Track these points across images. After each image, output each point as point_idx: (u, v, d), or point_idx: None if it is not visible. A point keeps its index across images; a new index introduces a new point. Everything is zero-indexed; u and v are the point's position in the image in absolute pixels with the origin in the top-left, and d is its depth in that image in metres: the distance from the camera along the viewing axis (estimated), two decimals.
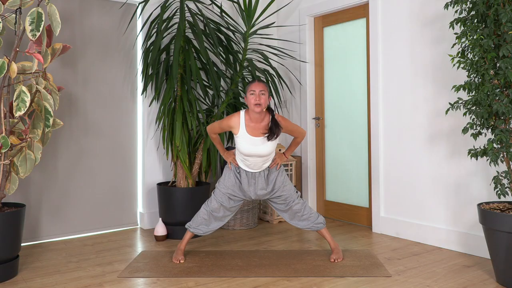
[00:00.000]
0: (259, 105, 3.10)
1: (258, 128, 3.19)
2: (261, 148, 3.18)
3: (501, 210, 2.91)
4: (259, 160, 3.25)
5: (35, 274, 3.15)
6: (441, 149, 3.70)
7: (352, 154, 4.59)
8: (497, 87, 2.85)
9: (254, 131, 3.18)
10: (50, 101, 3.16)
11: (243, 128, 3.18)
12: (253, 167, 3.30)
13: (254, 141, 3.18)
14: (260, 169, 3.31)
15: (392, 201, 4.09)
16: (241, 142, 3.20)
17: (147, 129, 4.45)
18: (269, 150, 3.21)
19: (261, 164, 3.29)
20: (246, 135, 3.18)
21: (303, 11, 4.97)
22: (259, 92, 3.11)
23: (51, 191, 4.04)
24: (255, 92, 3.11)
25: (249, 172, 3.33)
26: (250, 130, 3.18)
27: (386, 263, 3.30)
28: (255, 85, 3.14)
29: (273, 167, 3.36)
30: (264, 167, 3.32)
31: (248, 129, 3.18)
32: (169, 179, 4.59)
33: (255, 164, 3.27)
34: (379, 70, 4.18)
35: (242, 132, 3.18)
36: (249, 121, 3.19)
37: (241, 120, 3.19)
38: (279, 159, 3.37)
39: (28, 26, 3.01)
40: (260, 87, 3.13)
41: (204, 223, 3.41)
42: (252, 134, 3.18)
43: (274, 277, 3.03)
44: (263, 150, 3.19)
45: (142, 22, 4.45)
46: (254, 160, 3.24)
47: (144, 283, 2.95)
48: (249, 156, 3.22)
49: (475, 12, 2.93)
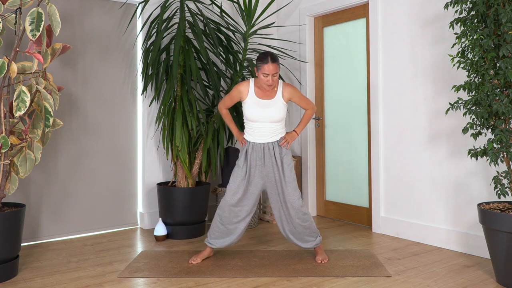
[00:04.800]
0: (271, 86, 3.16)
1: (268, 92, 3.23)
2: (270, 111, 3.20)
3: (501, 210, 2.91)
4: (269, 126, 3.24)
5: (35, 274, 3.15)
6: (441, 149, 3.70)
7: (352, 154, 4.59)
8: (497, 87, 2.85)
9: (263, 95, 3.23)
10: (50, 101, 3.16)
11: (252, 92, 3.23)
12: (262, 136, 3.27)
13: (263, 103, 3.21)
14: (270, 139, 3.28)
15: (392, 201, 4.09)
16: (249, 106, 3.23)
17: (147, 129, 4.45)
18: (278, 114, 3.22)
19: (271, 133, 3.27)
20: (254, 98, 3.22)
21: (303, 11, 4.97)
22: (272, 75, 3.13)
23: (51, 191, 4.05)
24: (269, 75, 3.12)
25: (258, 144, 3.28)
26: (259, 93, 3.24)
27: (386, 263, 3.30)
28: (269, 66, 3.10)
29: (283, 145, 3.30)
30: (274, 139, 3.29)
31: (257, 93, 3.24)
32: (169, 179, 4.59)
33: (265, 132, 3.25)
34: (379, 70, 4.18)
35: (251, 95, 3.23)
36: (258, 88, 3.25)
37: (251, 86, 3.26)
38: (289, 137, 3.32)
39: (28, 26, 3.01)
40: (274, 69, 3.11)
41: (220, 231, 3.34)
42: (261, 97, 3.23)
43: (274, 277, 3.03)
44: (272, 113, 3.21)
45: (142, 22, 4.45)
46: (264, 126, 3.24)
47: (144, 283, 2.95)
48: (258, 122, 3.23)
49: (475, 12, 2.93)
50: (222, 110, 3.43)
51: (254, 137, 3.29)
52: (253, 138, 3.30)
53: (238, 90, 3.26)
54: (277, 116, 3.23)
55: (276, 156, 3.28)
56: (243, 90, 3.25)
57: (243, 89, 3.25)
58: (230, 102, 3.35)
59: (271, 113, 3.21)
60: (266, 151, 3.28)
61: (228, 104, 3.38)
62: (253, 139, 3.30)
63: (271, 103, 3.22)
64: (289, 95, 3.26)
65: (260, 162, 3.28)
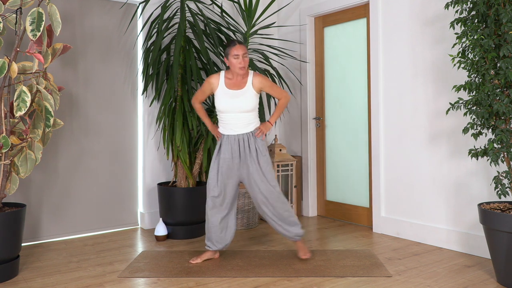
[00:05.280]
0: (243, 67, 3.20)
1: (238, 82, 3.26)
2: (240, 100, 3.22)
3: (502, 210, 2.91)
4: (240, 117, 3.25)
5: (36, 274, 3.15)
6: (441, 149, 3.70)
7: (352, 154, 4.59)
8: (498, 87, 2.85)
9: (233, 86, 3.26)
10: (50, 101, 3.17)
11: (222, 83, 3.27)
12: (235, 127, 3.27)
13: (233, 93, 3.24)
14: (243, 130, 3.28)
15: (393, 201, 4.09)
16: (220, 97, 3.25)
17: (148, 129, 4.45)
18: (249, 103, 3.24)
19: (244, 124, 3.27)
20: (225, 89, 3.25)
21: (303, 11, 4.97)
22: (242, 55, 3.19)
23: (51, 191, 4.05)
24: (239, 56, 3.19)
25: (232, 136, 3.29)
26: (229, 84, 3.27)
27: (386, 263, 3.30)
28: (237, 48, 3.19)
29: (258, 136, 3.31)
30: (247, 130, 3.29)
31: (227, 84, 3.27)
32: (169, 179, 4.59)
33: (237, 123, 3.26)
34: (380, 70, 4.18)
35: (221, 86, 3.26)
36: (229, 79, 3.28)
37: (221, 77, 3.30)
38: (263, 127, 3.33)
39: (28, 26, 3.01)
40: (243, 50, 3.20)
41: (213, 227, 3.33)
42: (231, 87, 3.26)
43: (275, 277, 3.03)
44: (243, 103, 3.22)
45: (142, 22, 4.46)
46: (236, 117, 3.25)
47: (144, 283, 2.95)
48: (230, 112, 3.24)
49: (476, 12, 2.93)
50: (195, 104, 3.45)
51: (226, 129, 3.30)
52: (226, 131, 3.31)
53: (208, 82, 3.31)
54: (247, 106, 3.24)
55: (251, 147, 3.29)
56: (213, 81, 3.29)
57: (214, 81, 3.29)
58: (202, 95, 3.39)
59: (241, 103, 3.23)
60: (241, 143, 3.29)
61: (200, 98, 3.41)
62: (227, 131, 3.31)
63: (240, 93, 3.24)
64: (260, 84, 3.28)
65: (236, 154, 3.29)
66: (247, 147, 3.28)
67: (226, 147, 3.29)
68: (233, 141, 3.29)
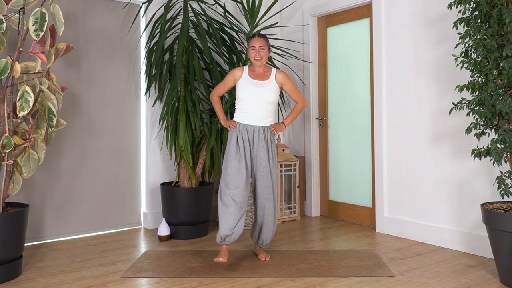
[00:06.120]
0: (259, 59, 3.30)
1: (261, 74, 3.35)
2: (264, 90, 3.28)
3: (505, 210, 2.91)
4: (260, 107, 3.28)
5: (39, 274, 3.15)
6: (444, 149, 3.69)
7: (355, 154, 4.59)
8: (501, 87, 2.84)
9: (257, 76, 3.34)
10: (53, 101, 3.17)
11: (246, 74, 3.36)
12: (254, 117, 3.29)
13: (256, 82, 3.30)
14: (261, 122, 3.30)
15: (396, 201, 4.09)
16: (243, 86, 3.31)
17: (151, 129, 4.46)
18: (271, 94, 3.30)
19: (263, 115, 3.30)
20: (248, 78, 3.33)
21: (306, 11, 4.97)
22: (259, 47, 3.30)
23: (54, 191, 4.06)
24: (255, 47, 3.30)
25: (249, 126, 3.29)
26: (252, 75, 3.35)
27: (389, 263, 3.30)
28: (254, 40, 3.32)
29: (272, 133, 3.35)
30: (264, 123, 3.31)
31: (250, 75, 3.36)
32: (172, 179, 4.60)
33: (257, 113, 3.29)
34: (383, 70, 4.17)
35: (245, 76, 3.34)
36: (252, 71, 3.38)
37: (245, 70, 3.38)
38: (277, 126, 3.37)
39: (31, 26, 3.02)
40: (260, 42, 3.31)
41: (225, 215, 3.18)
42: (255, 78, 3.33)
43: (278, 277, 3.03)
44: (265, 93, 3.28)
45: (145, 22, 4.46)
46: (256, 106, 3.28)
47: (147, 283, 2.95)
48: (251, 101, 3.28)
49: (479, 12, 2.93)
50: (214, 97, 3.49)
51: (245, 118, 3.32)
52: (244, 119, 3.32)
53: (232, 74, 3.39)
54: (269, 97, 3.30)
55: (267, 139, 3.33)
56: (237, 73, 3.37)
57: (237, 73, 3.37)
58: (223, 88, 3.44)
59: (263, 93, 3.28)
60: (256, 134, 3.31)
61: (220, 91, 3.46)
62: (244, 120, 3.32)
63: (264, 83, 3.32)
64: (282, 80, 3.37)
65: (249, 143, 3.31)
66: (262, 140, 3.31)
67: (242, 134, 3.30)
68: (249, 129, 3.31)
